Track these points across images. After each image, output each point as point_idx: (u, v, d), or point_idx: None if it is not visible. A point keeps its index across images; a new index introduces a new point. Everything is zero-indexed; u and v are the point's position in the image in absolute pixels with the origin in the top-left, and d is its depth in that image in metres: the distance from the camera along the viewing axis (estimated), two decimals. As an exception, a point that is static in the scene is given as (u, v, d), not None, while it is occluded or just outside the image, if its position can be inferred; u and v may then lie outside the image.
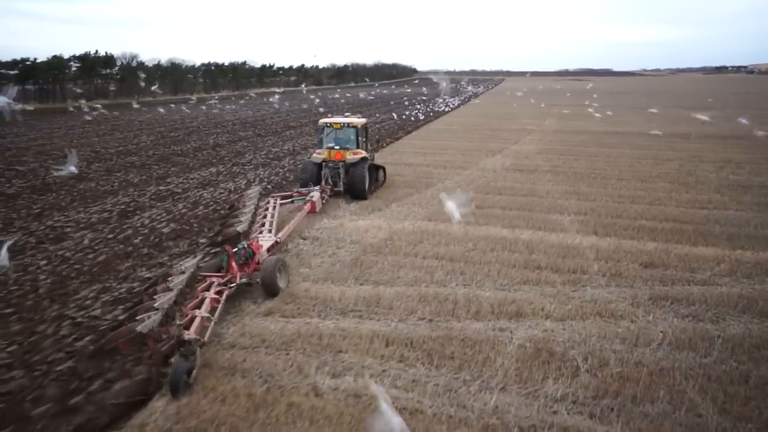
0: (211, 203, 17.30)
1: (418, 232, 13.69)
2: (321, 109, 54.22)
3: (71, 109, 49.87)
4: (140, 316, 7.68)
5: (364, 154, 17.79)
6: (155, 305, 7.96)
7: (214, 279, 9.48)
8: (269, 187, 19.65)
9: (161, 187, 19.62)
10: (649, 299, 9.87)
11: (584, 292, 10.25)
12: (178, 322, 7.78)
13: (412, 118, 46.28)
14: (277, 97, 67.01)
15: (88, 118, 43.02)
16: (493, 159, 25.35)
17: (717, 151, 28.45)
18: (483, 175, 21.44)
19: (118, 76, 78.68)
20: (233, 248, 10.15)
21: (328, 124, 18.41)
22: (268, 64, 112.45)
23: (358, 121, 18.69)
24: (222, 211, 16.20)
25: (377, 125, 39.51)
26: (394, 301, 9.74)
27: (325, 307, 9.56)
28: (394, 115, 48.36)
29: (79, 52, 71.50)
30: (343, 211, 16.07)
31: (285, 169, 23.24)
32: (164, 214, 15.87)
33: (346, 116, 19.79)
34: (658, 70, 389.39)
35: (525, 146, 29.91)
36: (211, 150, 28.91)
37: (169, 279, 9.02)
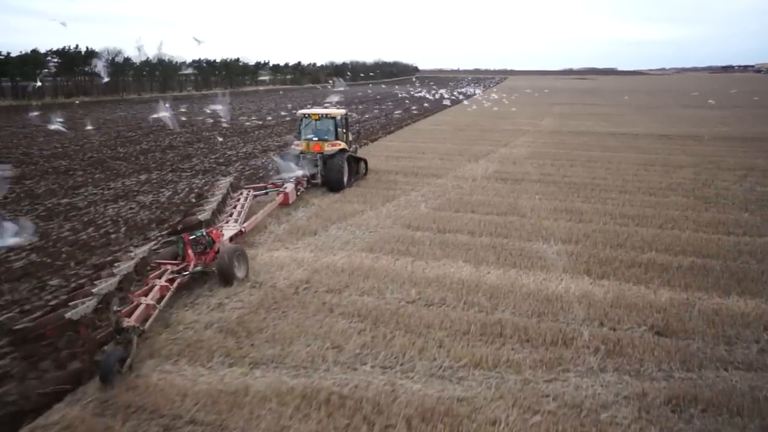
0: (108, 223, 13.74)
1: (348, 271, 10.09)
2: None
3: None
4: (73, 302, 7.32)
5: (343, 145, 17.02)
6: (93, 291, 7.56)
7: (168, 266, 9.05)
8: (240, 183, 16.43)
9: (65, 200, 16.11)
10: (666, 402, 6.26)
11: (565, 384, 6.66)
12: (115, 308, 7.45)
13: (396, 117, 42.69)
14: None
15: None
16: (476, 165, 21.70)
17: (736, 155, 24.73)
18: (458, 185, 17.81)
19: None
20: (190, 235, 9.74)
21: (307, 115, 17.79)
22: (262, 61, 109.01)
23: (337, 111, 18.22)
24: (114, 236, 12.74)
25: (367, 123, 35.90)
26: (263, 404, 6.18)
27: (147, 419, 6.00)
28: (379, 112, 44.80)
29: (56, 47, 68.30)
30: (267, 235, 12.55)
31: (227, 177, 19.66)
32: (35, 240, 12.33)
33: (326, 107, 19.46)
34: (663, 69, 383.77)
35: (515, 149, 26.23)
36: (158, 153, 25.44)
37: (116, 265, 8.60)
